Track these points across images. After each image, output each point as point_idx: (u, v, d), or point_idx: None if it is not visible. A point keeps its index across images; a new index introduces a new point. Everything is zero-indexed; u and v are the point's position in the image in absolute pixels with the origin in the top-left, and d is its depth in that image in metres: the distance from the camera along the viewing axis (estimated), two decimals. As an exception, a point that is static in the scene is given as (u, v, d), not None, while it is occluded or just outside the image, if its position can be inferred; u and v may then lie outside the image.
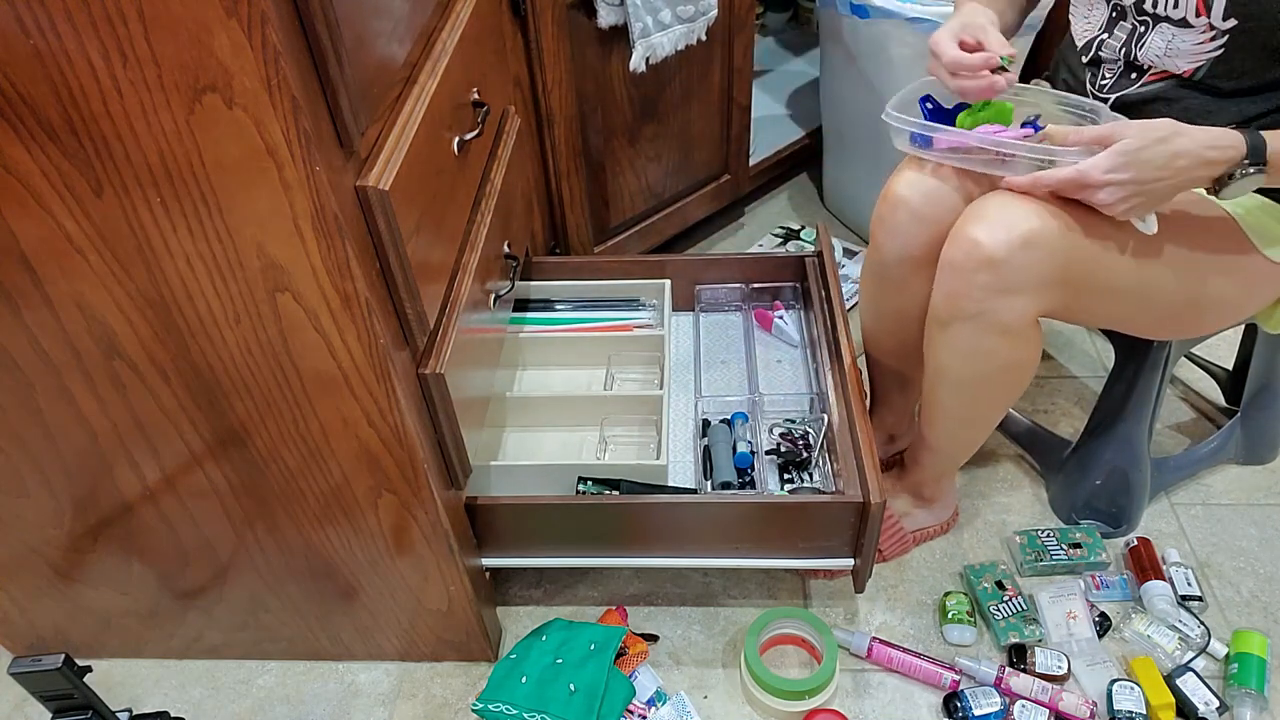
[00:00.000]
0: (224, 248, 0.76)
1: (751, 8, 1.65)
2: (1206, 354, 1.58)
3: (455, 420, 0.96)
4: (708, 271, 1.52)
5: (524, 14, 1.31)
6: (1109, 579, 1.27)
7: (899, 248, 1.12)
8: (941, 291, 1.02)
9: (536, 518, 1.12)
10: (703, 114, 1.71)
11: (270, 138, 0.68)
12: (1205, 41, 0.96)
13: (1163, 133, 0.87)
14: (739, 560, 1.16)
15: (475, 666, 1.22)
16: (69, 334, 0.83)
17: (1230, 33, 0.94)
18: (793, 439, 1.31)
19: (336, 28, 0.69)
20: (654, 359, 1.40)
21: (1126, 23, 1.03)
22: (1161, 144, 0.86)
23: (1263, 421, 1.41)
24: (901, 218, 1.09)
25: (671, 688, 1.19)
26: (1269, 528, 1.35)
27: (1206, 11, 0.94)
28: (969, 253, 0.97)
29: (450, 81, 0.95)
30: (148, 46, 0.63)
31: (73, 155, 0.70)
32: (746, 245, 1.99)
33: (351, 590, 1.11)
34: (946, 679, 1.15)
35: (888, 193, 1.11)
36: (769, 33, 2.46)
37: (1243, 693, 1.12)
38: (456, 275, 1.01)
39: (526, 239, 1.42)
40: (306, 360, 0.84)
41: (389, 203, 0.78)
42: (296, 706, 1.20)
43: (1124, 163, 0.86)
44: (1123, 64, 1.06)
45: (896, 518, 1.30)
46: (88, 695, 0.97)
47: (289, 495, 0.99)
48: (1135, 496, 1.33)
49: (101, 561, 1.08)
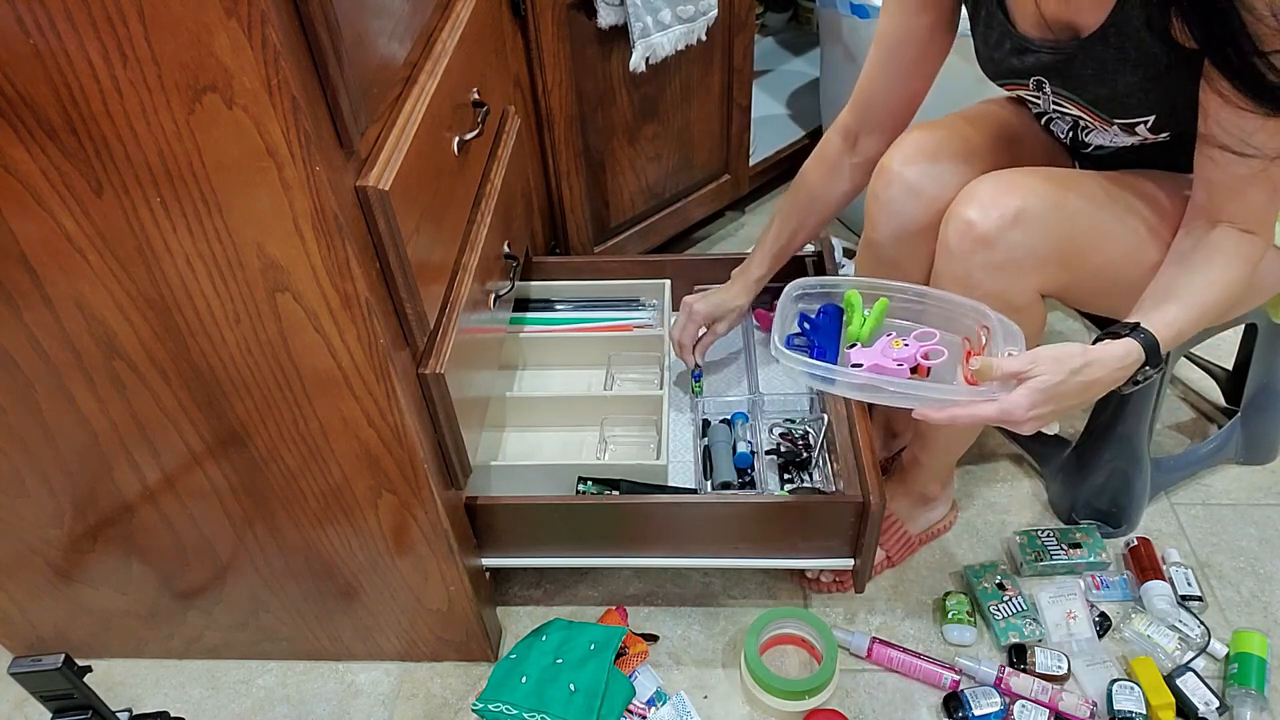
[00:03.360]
0: (224, 248, 0.76)
1: (751, 8, 1.65)
2: (1206, 354, 1.58)
3: (455, 420, 0.96)
4: (708, 271, 1.52)
5: (524, 14, 1.31)
6: (1109, 579, 1.27)
7: (895, 225, 1.11)
8: (943, 275, 1.04)
9: (536, 518, 1.12)
10: (703, 114, 1.71)
11: (270, 138, 0.68)
12: (1147, 137, 0.99)
13: (1075, 364, 0.88)
14: (739, 560, 1.16)
15: (475, 666, 1.22)
16: (69, 334, 0.83)
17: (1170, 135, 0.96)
18: (793, 439, 1.31)
19: (336, 28, 0.69)
20: (654, 359, 1.40)
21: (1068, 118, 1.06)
22: (1075, 375, 0.88)
23: (1263, 421, 1.41)
24: (896, 194, 1.09)
25: (671, 688, 1.18)
26: (1269, 528, 1.35)
27: (1134, 133, 0.97)
28: (963, 234, 0.99)
29: (450, 81, 0.95)
30: (148, 46, 0.63)
31: (73, 155, 0.70)
32: (746, 245, 1.99)
33: (351, 590, 1.11)
34: (946, 679, 1.15)
35: (883, 168, 1.10)
36: (769, 33, 2.46)
37: (1243, 693, 1.12)
38: (456, 275, 1.01)
39: (526, 239, 1.42)
40: (306, 360, 0.84)
41: (389, 203, 0.78)
42: (296, 706, 1.20)
43: (1044, 399, 0.88)
44: (1073, 140, 1.09)
45: (900, 522, 1.30)
46: (88, 695, 0.97)
47: (289, 495, 0.99)
48: (1135, 496, 1.33)
49: (101, 561, 1.08)
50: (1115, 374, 0.90)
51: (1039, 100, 1.04)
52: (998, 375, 0.90)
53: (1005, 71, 1.02)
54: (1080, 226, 0.98)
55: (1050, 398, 0.88)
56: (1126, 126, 0.97)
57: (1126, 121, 0.97)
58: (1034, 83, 1.00)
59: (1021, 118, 1.16)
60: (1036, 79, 1.00)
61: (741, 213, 2.09)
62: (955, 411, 0.92)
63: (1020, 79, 1.01)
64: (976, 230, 0.97)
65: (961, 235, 0.99)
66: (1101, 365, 0.89)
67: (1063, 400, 0.89)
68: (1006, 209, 0.96)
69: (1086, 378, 0.88)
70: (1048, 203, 0.97)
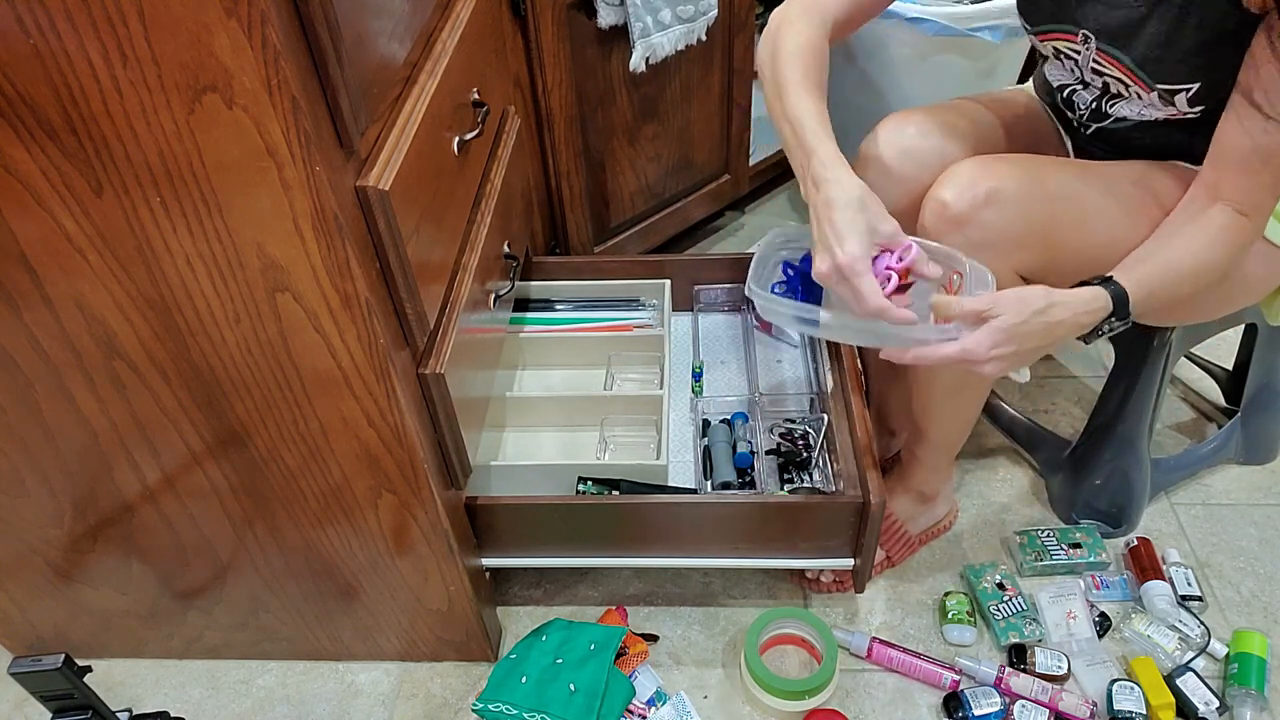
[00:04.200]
0: (224, 248, 0.76)
1: (751, 8, 1.65)
2: (1206, 354, 1.58)
3: (455, 420, 0.96)
4: (708, 271, 1.52)
5: (524, 14, 1.31)
6: (1109, 579, 1.27)
7: None
8: None
9: (536, 518, 1.12)
10: (703, 114, 1.71)
11: (270, 138, 0.68)
12: (1174, 113, 0.98)
13: (1039, 304, 0.89)
14: (739, 560, 1.16)
15: (475, 666, 1.22)
16: (69, 334, 0.83)
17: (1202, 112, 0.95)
18: (793, 439, 1.31)
19: (336, 28, 0.69)
20: (654, 359, 1.40)
21: (1095, 89, 1.05)
22: (1039, 316, 0.89)
23: (1263, 421, 1.41)
24: (873, 177, 1.09)
25: (671, 688, 1.19)
26: (1269, 528, 1.35)
27: (1171, 103, 0.96)
28: (939, 214, 1.00)
29: (450, 81, 0.95)
30: (148, 46, 0.63)
31: (73, 155, 0.70)
32: (746, 245, 1.99)
33: (351, 590, 1.11)
34: (946, 679, 1.15)
35: (861, 152, 1.11)
36: (769, 33, 2.46)
37: (1243, 693, 1.12)
38: (456, 275, 1.01)
39: (526, 239, 1.42)
40: (306, 360, 0.84)
41: (389, 203, 0.78)
42: (296, 706, 1.20)
43: (1005, 338, 0.88)
44: (1094, 111, 1.08)
45: (900, 522, 1.30)
46: (88, 695, 0.97)
47: (289, 495, 0.99)
48: (1135, 496, 1.33)
49: (101, 561, 1.08)
50: (1080, 317, 0.91)
51: (1077, 55, 1.02)
52: (957, 312, 0.91)
53: (1058, 16, 1.00)
54: (1058, 209, 0.99)
55: (1012, 337, 0.88)
56: (1166, 95, 0.96)
57: (1169, 88, 0.95)
58: (1083, 36, 0.99)
59: (1010, 108, 1.16)
60: (1086, 32, 0.98)
61: (741, 213, 2.09)
62: (919, 351, 0.92)
63: (1070, 28, 1.00)
64: (951, 211, 0.99)
65: (938, 216, 1.00)
66: (1065, 308, 0.90)
67: (1025, 340, 0.89)
68: (980, 189, 0.97)
69: (1050, 319, 0.89)
70: (1023, 185, 0.98)
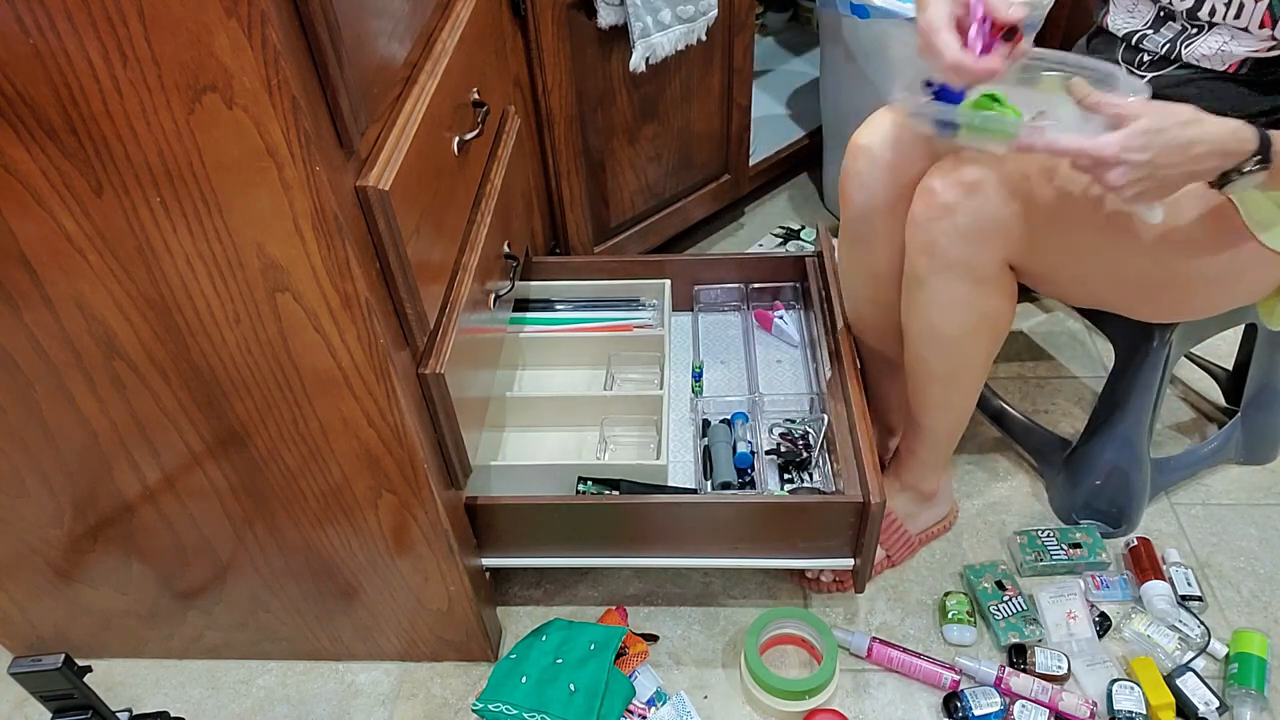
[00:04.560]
0: (224, 248, 0.76)
1: (751, 8, 1.65)
2: (1206, 354, 1.58)
3: (455, 420, 0.96)
4: (708, 271, 1.52)
5: (524, 14, 1.31)
6: (1109, 579, 1.27)
7: (865, 199, 1.12)
8: (913, 247, 1.05)
9: (536, 518, 1.12)
10: (703, 114, 1.71)
11: (270, 138, 0.68)
12: (1259, 47, 0.96)
13: (1185, 116, 0.85)
14: (739, 560, 1.16)
15: (475, 666, 1.22)
16: (69, 334, 0.83)
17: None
18: (793, 439, 1.31)
19: (336, 28, 0.69)
20: (654, 359, 1.40)
21: (1175, 24, 1.03)
22: (1183, 127, 0.84)
23: (1263, 421, 1.41)
24: (863, 166, 1.10)
25: (671, 688, 1.19)
26: (1269, 528, 1.35)
27: (1273, 25, 0.93)
28: (928, 202, 1.01)
29: (450, 81, 0.95)
30: (148, 46, 0.63)
31: (73, 155, 0.70)
32: (746, 245, 1.99)
33: (351, 590, 1.11)
34: (946, 679, 1.15)
35: (851, 144, 1.12)
36: (769, 33, 2.46)
37: (1243, 693, 1.12)
38: (456, 275, 1.01)
39: (526, 239, 1.42)
40: (306, 360, 0.84)
41: (389, 203, 0.78)
42: (296, 706, 1.20)
43: (1143, 143, 0.83)
44: (1162, 57, 1.05)
45: (900, 521, 1.30)
46: (88, 695, 0.97)
47: (289, 495, 0.99)
48: (1135, 496, 1.33)
49: (101, 561, 1.08)
50: (1223, 142, 0.85)
51: None
52: (1094, 100, 0.86)
53: None
54: (1047, 199, 0.99)
55: (1150, 144, 0.83)
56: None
57: None
58: None
59: None
60: None
61: (741, 213, 2.09)
62: (1052, 139, 0.88)
63: None
64: (939, 198, 1.00)
65: (926, 204, 1.01)
66: (1212, 125, 0.85)
67: (1162, 152, 0.84)
68: (966, 177, 0.98)
69: (1193, 133, 0.84)
70: (1012, 174, 0.98)
